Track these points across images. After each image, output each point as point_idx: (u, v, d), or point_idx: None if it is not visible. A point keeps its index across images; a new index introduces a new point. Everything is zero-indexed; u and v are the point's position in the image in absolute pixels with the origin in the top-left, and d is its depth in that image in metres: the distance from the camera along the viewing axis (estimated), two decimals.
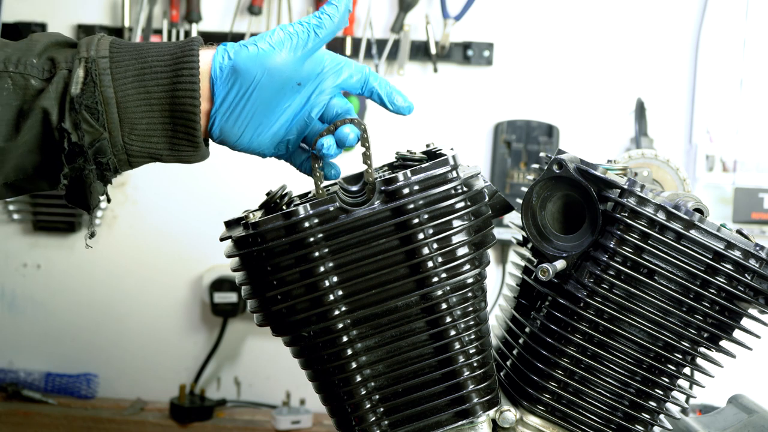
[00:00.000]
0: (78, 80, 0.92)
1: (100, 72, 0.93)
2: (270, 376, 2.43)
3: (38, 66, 0.93)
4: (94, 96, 0.92)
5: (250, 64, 0.96)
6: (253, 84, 0.97)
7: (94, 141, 0.93)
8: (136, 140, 0.96)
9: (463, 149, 2.07)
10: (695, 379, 1.10)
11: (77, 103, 0.92)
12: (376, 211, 0.99)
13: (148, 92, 0.95)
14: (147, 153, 0.98)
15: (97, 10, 2.38)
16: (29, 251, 2.45)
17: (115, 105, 0.94)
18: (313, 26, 0.98)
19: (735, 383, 1.60)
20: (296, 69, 0.98)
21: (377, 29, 2.32)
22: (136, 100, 0.95)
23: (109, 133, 0.94)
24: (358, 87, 1.04)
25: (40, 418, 2.30)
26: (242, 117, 0.99)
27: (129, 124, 0.95)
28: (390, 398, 1.05)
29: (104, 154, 0.95)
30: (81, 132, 0.92)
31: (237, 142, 1.01)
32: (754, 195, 2.23)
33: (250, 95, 0.97)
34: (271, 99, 0.99)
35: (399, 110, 1.06)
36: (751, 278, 1.04)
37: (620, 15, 2.32)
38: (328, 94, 1.03)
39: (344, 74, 1.03)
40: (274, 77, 0.97)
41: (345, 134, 1.01)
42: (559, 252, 1.06)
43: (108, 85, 0.93)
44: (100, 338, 2.45)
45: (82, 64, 0.93)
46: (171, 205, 2.41)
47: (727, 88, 2.27)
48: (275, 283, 0.99)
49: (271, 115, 1.00)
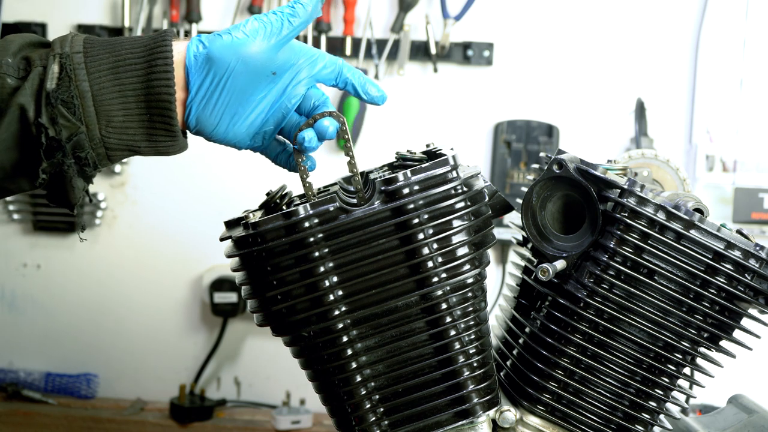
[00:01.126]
0: (53, 75, 0.93)
1: (75, 66, 0.94)
2: (270, 376, 2.43)
3: (13, 65, 0.94)
4: (69, 90, 0.93)
5: (224, 52, 0.97)
6: (228, 72, 0.98)
7: (72, 135, 0.94)
8: (114, 132, 0.96)
9: (463, 149, 2.07)
10: (695, 379, 1.10)
11: (53, 98, 0.93)
12: (376, 211, 0.99)
13: (123, 84, 0.96)
14: (125, 145, 0.98)
15: (97, 10, 2.37)
16: (29, 251, 2.45)
17: (90, 98, 0.94)
18: (287, 15, 0.99)
19: (735, 383, 1.60)
20: (270, 58, 0.99)
21: (377, 29, 2.32)
22: (111, 93, 0.95)
23: (86, 127, 0.95)
24: (332, 78, 1.05)
25: (40, 418, 2.30)
26: (218, 106, 0.99)
27: (105, 116, 0.96)
28: (390, 398, 1.05)
29: (82, 148, 0.95)
30: (58, 127, 0.93)
31: (213, 132, 1.01)
32: (754, 195, 2.23)
33: (225, 83, 0.98)
34: (246, 88, 0.99)
35: (372, 100, 1.07)
36: (751, 278, 1.04)
37: (620, 15, 2.32)
38: (305, 85, 1.04)
39: (318, 65, 1.03)
40: (248, 65, 0.98)
41: (325, 127, 1.01)
42: (559, 252, 1.06)
43: (83, 78, 0.94)
44: (100, 338, 2.45)
45: (56, 60, 0.94)
46: (171, 205, 2.41)
47: (727, 88, 2.27)
48: (275, 283, 0.99)
49: (247, 104, 1.00)
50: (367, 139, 2.33)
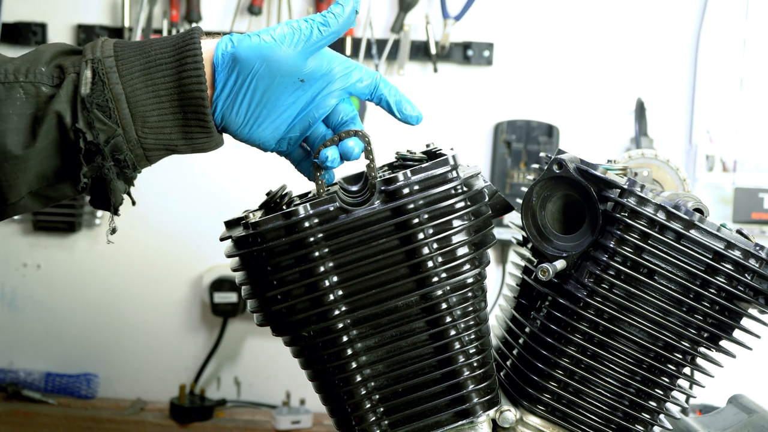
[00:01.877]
0: (86, 81, 0.94)
1: (107, 71, 0.95)
2: (270, 376, 2.43)
3: (47, 74, 0.95)
4: (103, 94, 0.94)
5: (250, 54, 0.97)
6: (252, 73, 0.98)
7: (109, 138, 0.95)
8: (150, 133, 0.97)
9: (463, 149, 2.07)
10: (695, 379, 1.10)
11: (88, 103, 0.94)
12: (376, 211, 0.99)
13: (156, 84, 0.96)
14: (162, 145, 0.99)
15: (97, 10, 2.38)
16: (29, 251, 2.45)
17: (125, 100, 0.95)
18: (317, 24, 0.99)
19: (735, 383, 1.60)
20: (297, 65, 0.98)
21: (377, 29, 2.32)
22: (144, 94, 0.96)
23: (123, 129, 0.96)
24: (367, 93, 1.04)
25: (40, 418, 2.30)
26: (243, 106, 0.99)
27: (141, 117, 0.96)
28: (390, 398, 1.05)
29: (120, 150, 0.96)
30: (95, 131, 0.94)
31: (238, 131, 1.01)
32: (754, 195, 2.23)
33: (249, 85, 0.98)
34: (271, 92, 0.99)
35: (407, 119, 1.06)
36: (751, 278, 1.04)
37: (620, 15, 2.32)
38: (336, 98, 1.03)
39: (353, 78, 1.03)
40: (272, 69, 0.98)
41: (350, 148, 1.01)
42: (559, 252, 1.06)
43: (116, 82, 0.95)
44: (100, 338, 2.45)
45: (89, 66, 0.95)
46: (171, 205, 2.41)
47: (727, 88, 2.27)
48: (275, 282, 0.99)
49: (273, 108, 1.00)
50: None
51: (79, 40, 2.35)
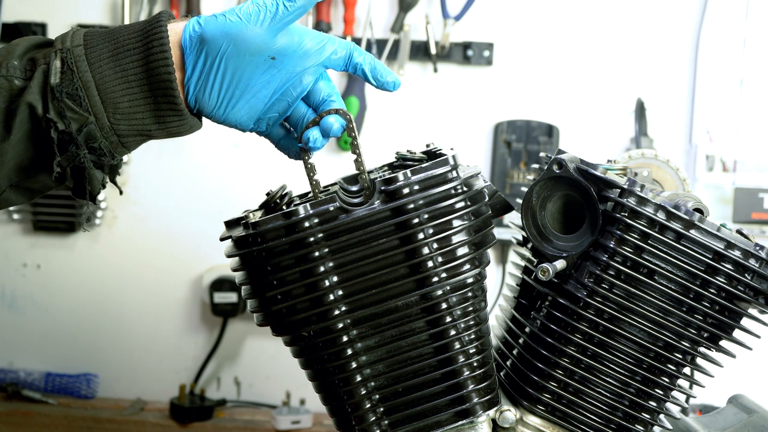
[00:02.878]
0: (56, 70, 0.95)
1: (76, 59, 0.96)
2: (270, 376, 2.43)
3: (20, 67, 0.96)
4: (72, 82, 0.95)
5: (216, 34, 0.98)
6: (220, 53, 0.98)
7: (82, 126, 0.96)
8: (122, 119, 0.98)
9: (463, 149, 2.07)
10: (695, 379, 1.10)
11: (57, 92, 0.94)
12: (376, 211, 0.99)
13: (125, 70, 0.97)
14: (136, 130, 0.99)
15: (97, 10, 2.37)
16: (29, 251, 2.45)
17: (94, 87, 0.96)
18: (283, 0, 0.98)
19: (735, 383, 1.60)
20: (265, 42, 0.98)
21: (377, 29, 2.32)
22: (114, 80, 0.96)
23: (95, 117, 0.96)
24: (341, 64, 1.03)
25: (40, 418, 2.30)
26: (215, 87, 0.99)
27: (112, 104, 0.97)
28: (390, 398, 1.05)
29: (94, 138, 0.97)
30: (67, 120, 0.95)
31: (213, 113, 1.01)
32: (754, 195, 2.23)
33: (219, 65, 0.98)
34: (242, 71, 0.99)
35: (384, 85, 1.05)
36: (751, 278, 1.04)
37: (620, 15, 2.32)
38: (312, 74, 1.02)
39: (327, 51, 1.02)
40: (240, 48, 0.98)
41: (330, 124, 1.01)
42: (559, 252, 1.06)
43: (85, 70, 0.96)
44: (100, 338, 2.45)
45: (58, 56, 0.96)
46: (171, 205, 2.41)
47: (727, 88, 2.27)
48: (275, 282, 0.99)
49: (246, 88, 1.00)
50: (367, 139, 2.33)
51: None
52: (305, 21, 2.31)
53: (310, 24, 2.29)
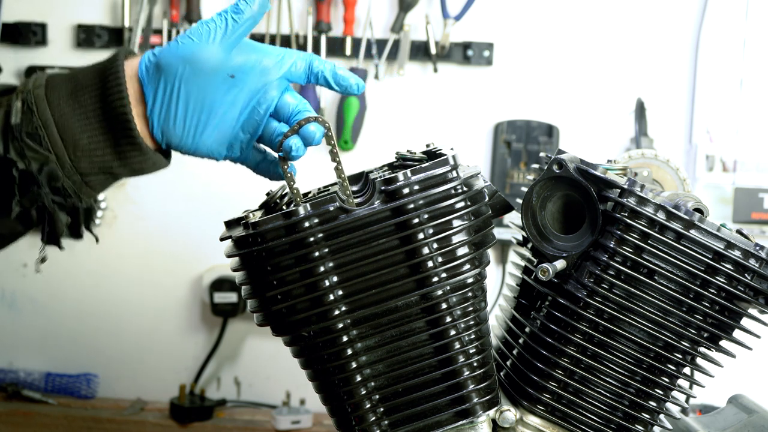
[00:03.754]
0: (17, 111, 0.95)
1: (37, 99, 0.95)
2: (270, 376, 2.43)
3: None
4: (32, 122, 0.95)
5: (170, 59, 0.96)
6: (177, 78, 0.97)
7: (42, 165, 0.95)
8: (83, 156, 0.97)
9: (463, 149, 2.07)
10: (695, 379, 1.10)
11: (17, 131, 0.94)
12: (376, 211, 0.99)
13: (83, 106, 0.96)
14: (98, 168, 0.98)
15: (97, 10, 2.37)
16: (29, 251, 2.45)
17: (54, 126, 0.95)
18: (230, 14, 0.97)
19: (735, 383, 1.60)
20: (220, 60, 0.97)
21: (377, 29, 2.32)
22: (73, 117, 0.96)
23: (56, 155, 0.95)
24: (303, 75, 1.02)
25: (40, 418, 2.30)
26: (178, 114, 0.98)
27: (72, 141, 0.96)
28: (390, 398, 1.05)
29: (56, 178, 0.96)
30: (27, 159, 0.94)
31: (181, 143, 1.00)
32: (754, 195, 2.23)
33: (178, 90, 0.97)
34: (204, 94, 0.98)
35: (348, 89, 1.04)
36: (751, 278, 1.04)
37: (620, 15, 2.32)
38: (276, 88, 1.01)
39: (287, 64, 1.01)
40: (196, 69, 0.96)
41: (311, 132, 1.00)
42: (559, 252, 1.06)
43: (44, 108, 0.95)
44: (100, 338, 2.45)
45: (19, 97, 0.96)
46: (171, 205, 2.41)
47: (727, 88, 2.27)
48: (275, 282, 0.99)
49: (211, 112, 0.99)
50: (367, 139, 2.33)
51: (79, 40, 2.35)
52: (306, 21, 2.31)
53: (310, 24, 2.29)
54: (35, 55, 2.37)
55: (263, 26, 2.33)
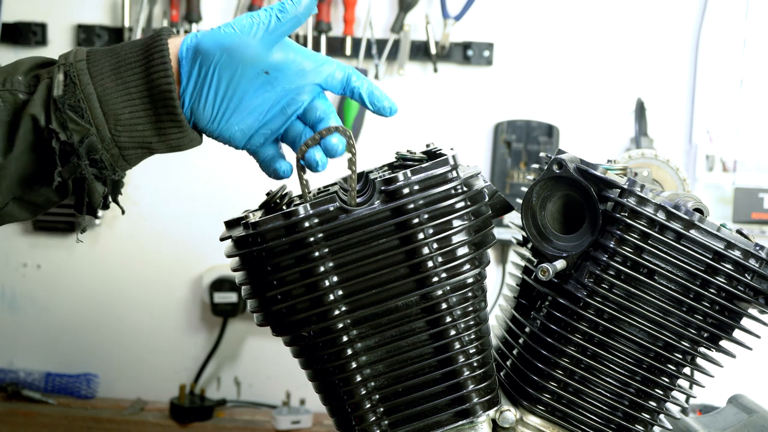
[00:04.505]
0: (59, 83, 0.96)
1: (79, 72, 0.97)
2: (270, 376, 2.43)
3: (24, 82, 0.98)
4: (75, 95, 0.96)
5: (210, 44, 0.98)
6: (214, 63, 0.98)
7: (83, 138, 0.96)
8: (123, 131, 0.98)
9: (463, 149, 2.07)
10: (695, 379, 1.10)
11: (60, 103, 0.96)
12: (376, 211, 0.99)
13: (126, 82, 0.98)
14: (137, 143, 1.00)
15: (97, 10, 2.37)
16: (29, 251, 2.45)
17: (96, 100, 0.97)
18: (276, 11, 0.99)
19: (735, 383, 1.60)
20: (258, 54, 0.98)
21: (377, 29, 2.32)
22: (115, 92, 0.97)
23: (96, 128, 0.97)
24: (338, 86, 1.03)
25: (40, 418, 2.30)
26: (209, 99, 1.00)
27: (113, 115, 0.97)
28: (390, 398, 1.05)
29: (96, 150, 0.98)
30: (69, 131, 0.96)
31: (208, 125, 1.02)
32: (754, 195, 2.23)
33: (213, 75, 0.99)
34: (236, 84, 0.99)
35: (380, 111, 1.05)
36: (751, 278, 1.04)
37: (620, 15, 2.32)
38: (309, 93, 1.02)
39: (325, 73, 1.02)
40: (234, 59, 0.98)
41: (334, 145, 1.00)
42: (559, 252, 1.06)
43: (87, 82, 0.97)
44: (100, 338, 2.45)
45: (61, 70, 0.97)
46: (171, 205, 2.41)
47: (727, 88, 2.27)
48: (275, 282, 0.99)
49: (240, 102, 1.00)
50: (367, 139, 2.33)
51: (80, 40, 2.35)
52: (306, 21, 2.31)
53: (310, 24, 2.29)
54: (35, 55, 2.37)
55: None
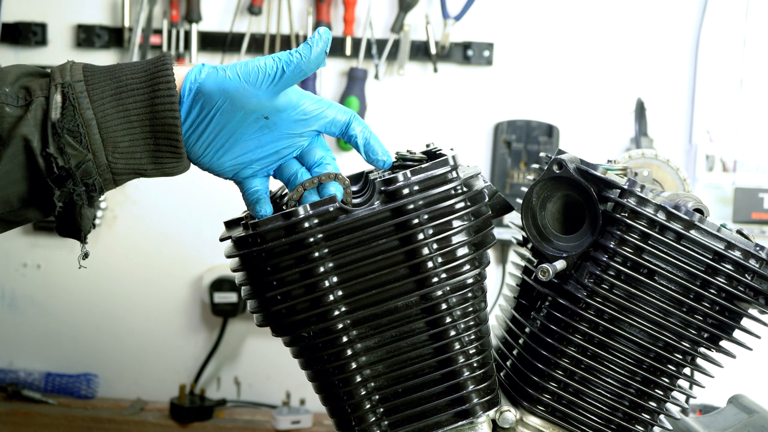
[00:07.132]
0: (57, 105, 0.93)
1: (77, 95, 0.94)
2: (270, 376, 2.43)
3: (11, 94, 0.94)
4: (74, 119, 0.93)
5: (213, 88, 0.97)
6: (215, 108, 0.97)
7: (80, 163, 0.94)
8: (120, 158, 0.97)
9: (463, 149, 2.07)
10: (695, 379, 1.10)
11: (59, 128, 0.93)
12: (376, 212, 0.99)
13: (127, 110, 0.96)
14: (131, 169, 0.99)
15: (97, 10, 2.38)
16: (29, 251, 2.45)
17: (96, 126, 0.94)
18: (283, 62, 0.97)
19: (735, 383, 1.60)
20: (260, 103, 0.97)
21: (377, 29, 2.32)
22: (115, 119, 0.95)
23: (93, 154, 0.95)
24: (337, 132, 1.02)
25: (40, 418, 2.30)
26: (205, 138, 0.99)
27: (112, 143, 0.96)
28: (390, 398, 1.05)
29: (90, 175, 0.96)
30: (66, 156, 0.93)
31: (198, 161, 1.01)
32: (754, 195, 2.23)
33: (212, 118, 0.98)
34: (234, 127, 0.99)
35: (374, 163, 1.04)
36: (751, 278, 1.04)
37: (620, 15, 2.32)
38: (308, 137, 1.02)
39: (324, 119, 1.01)
40: (235, 106, 0.97)
41: (331, 193, 1.00)
42: (559, 252, 1.06)
43: (87, 107, 0.94)
44: (100, 338, 2.45)
45: (59, 90, 0.94)
46: (171, 205, 2.41)
47: (727, 88, 2.27)
48: (275, 283, 0.99)
49: (236, 143, 1.00)
50: None
51: (79, 40, 2.35)
52: (305, 21, 2.31)
53: (310, 24, 2.29)
54: (35, 55, 2.37)
55: (263, 26, 2.33)
